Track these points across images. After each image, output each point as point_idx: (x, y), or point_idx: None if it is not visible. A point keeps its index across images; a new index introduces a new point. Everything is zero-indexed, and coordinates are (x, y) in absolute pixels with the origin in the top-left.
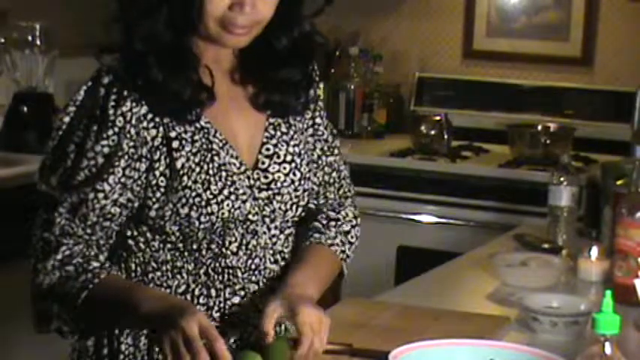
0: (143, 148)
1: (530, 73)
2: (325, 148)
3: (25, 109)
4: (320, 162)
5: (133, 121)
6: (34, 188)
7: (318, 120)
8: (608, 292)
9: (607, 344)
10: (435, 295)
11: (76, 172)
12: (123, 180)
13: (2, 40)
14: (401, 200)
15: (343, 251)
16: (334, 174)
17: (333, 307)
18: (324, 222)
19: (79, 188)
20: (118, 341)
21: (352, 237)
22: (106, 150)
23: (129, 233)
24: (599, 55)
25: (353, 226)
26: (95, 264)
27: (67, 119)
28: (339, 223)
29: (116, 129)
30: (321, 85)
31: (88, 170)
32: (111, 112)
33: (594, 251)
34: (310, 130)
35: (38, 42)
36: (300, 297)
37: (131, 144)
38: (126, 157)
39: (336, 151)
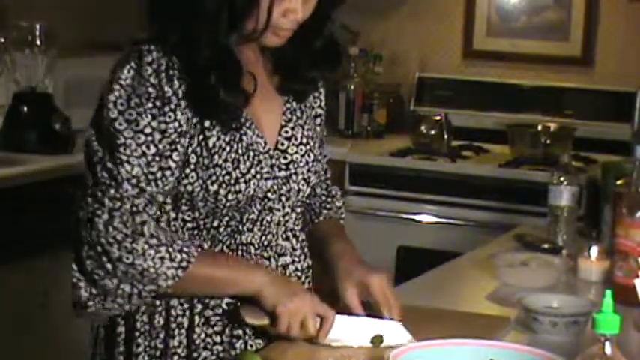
0: (187, 125)
1: (530, 73)
2: (323, 137)
3: (25, 109)
4: (322, 148)
5: (184, 98)
6: (35, 187)
7: (322, 111)
8: (608, 292)
9: (607, 344)
10: (435, 295)
11: (133, 150)
12: (181, 157)
13: (2, 40)
14: (401, 200)
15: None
16: (326, 159)
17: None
18: (324, 197)
19: (139, 166)
20: (134, 318)
21: (343, 213)
22: (163, 127)
23: (151, 213)
24: (599, 55)
25: (343, 203)
26: (179, 241)
27: (112, 98)
28: (334, 199)
29: (173, 105)
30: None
31: (146, 147)
32: (166, 88)
33: (594, 251)
34: (318, 120)
35: (38, 42)
36: (360, 267)
37: (184, 120)
38: (183, 132)
39: (324, 148)
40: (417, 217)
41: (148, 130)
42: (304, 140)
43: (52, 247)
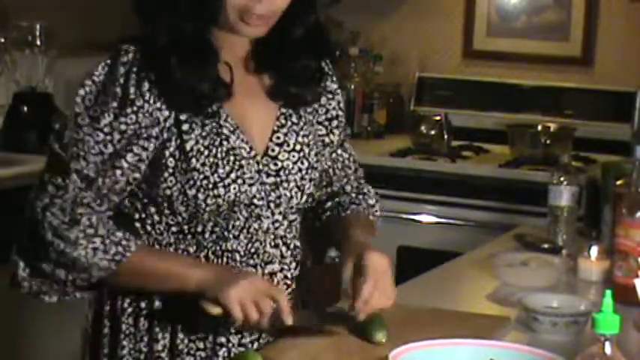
0: (155, 128)
1: (530, 73)
2: (344, 135)
3: (25, 109)
4: (342, 149)
5: (151, 101)
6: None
7: (340, 112)
8: (608, 292)
9: (607, 344)
10: (435, 295)
11: (90, 146)
12: (137, 158)
13: (2, 40)
14: (401, 200)
15: (374, 220)
16: (351, 158)
17: (333, 308)
18: (354, 195)
19: (93, 162)
20: (119, 320)
21: (377, 210)
22: (123, 127)
23: (137, 216)
24: (599, 55)
25: (377, 200)
26: (119, 234)
27: (82, 92)
28: (367, 196)
29: (135, 108)
30: (335, 78)
31: (103, 145)
32: (132, 90)
33: (594, 251)
34: (335, 122)
35: (38, 42)
36: (365, 245)
37: (146, 123)
38: (142, 136)
39: (347, 146)
40: (417, 217)
41: (107, 130)
42: (297, 147)
43: None
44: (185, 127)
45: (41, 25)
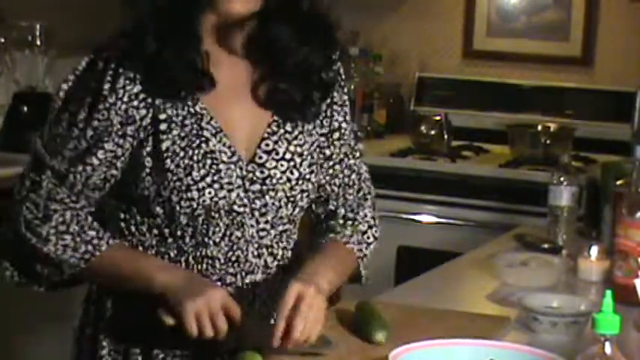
0: (130, 127)
1: (531, 73)
2: (348, 151)
3: (25, 109)
4: (342, 164)
5: (125, 99)
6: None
7: (344, 125)
8: (608, 292)
9: (607, 344)
10: (435, 295)
11: (66, 141)
12: (109, 155)
13: (2, 40)
14: (401, 200)
15: (360, 250)
16: (354, 176)
17: (333, 308)
18: (341, 222)
19: (67, 158)
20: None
21: (369, 237)
22: (95, 123)
23: (122, 216)
24: (599, 55)
25: (370, 227)
26: (92, 233)
27: (65, 87)
28: (356, 222)
29: (107, 104)
30: (346, 90)
31: (77, 140)
32: (105, 86)
33: (594, 251)
34: (336, 134)
35: (38, 42)
36: (304, 280)
37: (119, 120)
38: (114, 133)
39: (357, 154)
40: (417, 217)
41: (82, 125)
42: (288, 156)
43: None
44: (163, 126)
45: (41, 25)
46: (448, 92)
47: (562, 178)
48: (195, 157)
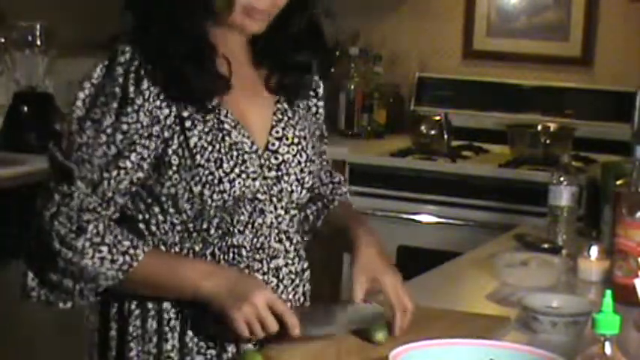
0: (155, 127)
1: (531, 73)
2: (321, 136)
3: (25, 109)
4: (321, 142)
5: (150, 99)
6: (35, 187)
7: (320, 110)
8: (608, 292)
9: (607, 344)
10: (435, 295)
11: (94, 149)
12: (140, 157)
13: (2, 40)
14: (401, 200)
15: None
16: (325, 162)
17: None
18: (334, 185)
19: (97, 165)
20: (127, 323)
21: (348, 197)
22: (125, 127)
23: (140, 217)
24: (599, 55)
25: (347, 189)
26: (126, 243)
27: (82, 95)
28: (340, 185)
29: (135, 107)
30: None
31: (106, 146)
32: (131, 89)
33: (594, 251)
34: (313, 118)
35: (38, 42)
36: (377, 262)
37: (147, 122)
38: (144, 134)
39: (326, 141)
40: (417, 217)
41: (109, 131)
42: (296, 140)
43: None
44: (188, 123)
45: (41, 25)
46: (448, 92)
47: (562, 178)
48: (222, 150)
